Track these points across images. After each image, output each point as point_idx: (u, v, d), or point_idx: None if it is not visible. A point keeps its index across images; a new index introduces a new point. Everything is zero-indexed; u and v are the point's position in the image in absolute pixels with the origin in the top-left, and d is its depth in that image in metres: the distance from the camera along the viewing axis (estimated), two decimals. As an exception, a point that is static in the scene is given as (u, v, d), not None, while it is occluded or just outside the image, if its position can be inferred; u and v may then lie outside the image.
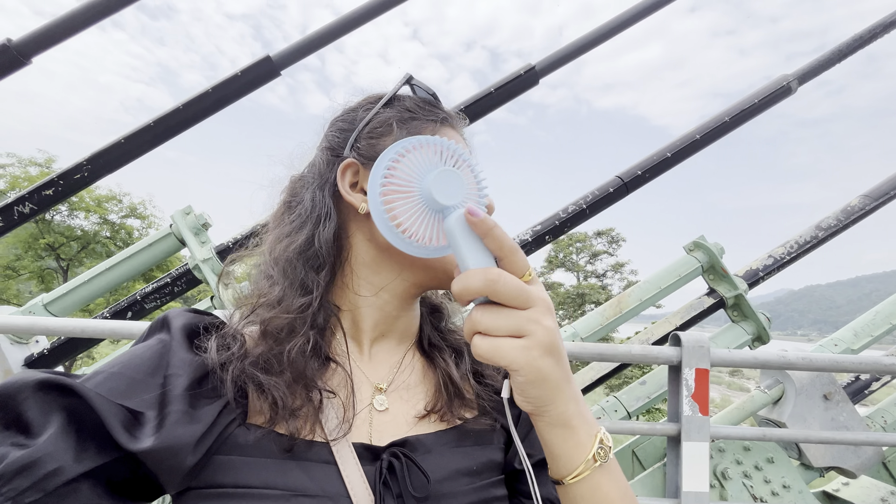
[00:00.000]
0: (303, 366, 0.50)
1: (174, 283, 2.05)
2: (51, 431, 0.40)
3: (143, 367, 0.46)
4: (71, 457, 0.40)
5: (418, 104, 0.60)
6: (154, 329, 0.52)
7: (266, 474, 0.46)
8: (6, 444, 0.39)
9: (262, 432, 0.48)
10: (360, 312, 0.58)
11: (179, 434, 0.43)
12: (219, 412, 0.47)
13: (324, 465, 0.48)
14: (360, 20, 2.32)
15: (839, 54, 2.37)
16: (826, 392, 1.89)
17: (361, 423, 0.53)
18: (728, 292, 2.11)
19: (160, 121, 2.04)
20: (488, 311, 0.41)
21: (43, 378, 0.42)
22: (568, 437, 0.45)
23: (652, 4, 2.44)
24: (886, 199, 2.19)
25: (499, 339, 0.41)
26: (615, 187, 2.20)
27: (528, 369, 0.41)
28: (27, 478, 0.37)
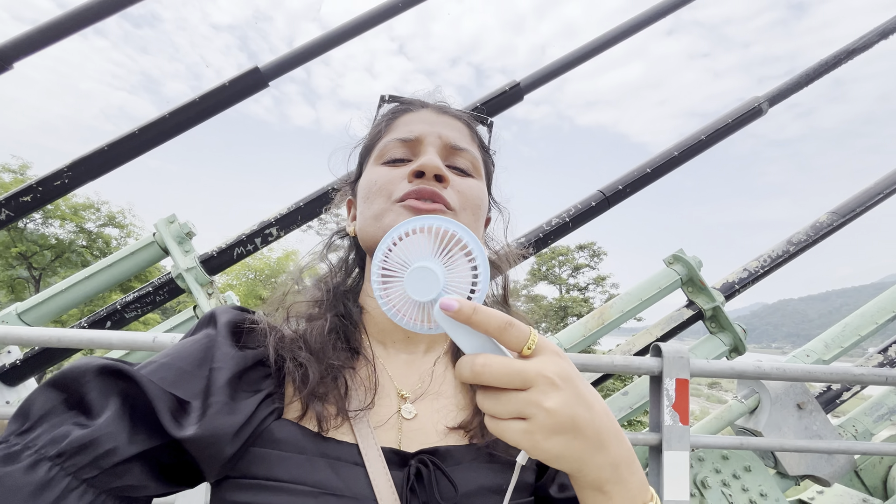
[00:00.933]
0: (324, 344, 0.54)
1: (156, 293, 2.01)
2: (108, 413, 0.43)
3: (190, 358, 0.50)
4: (125, 438, 0.42)
5: (380, 119, 0.65)
6: (202, 324, 0.57)
7: (297, 470, 0.48)
8: (69, 423, 0.42)
9: (295, 428, 0.50)
10: (375, 313, 0.61)
11: (220, 424, 0.46)
12: (257, 405, 0.49)
13: (352, 467, 0.49)
14: (348, 34, 2.36)
15: (807, 78, 2.49)
16: (800, 401, 1.95)
17: (390, 428, 0.54)
18: (706, 304, 2.16)
19: (145, 129, 2.03)
20: (489, 396, 0.40)
21: (104, 364, 0.45)
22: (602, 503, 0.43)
23: (632, 27, 2.54)
24: (852, 216, 2.29)
25: (503, 422, 0.40)
26: (597, 201, 2.25)
27: (535, 452, 0.39)
28: (86, 455, 0.40)
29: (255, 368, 0.53)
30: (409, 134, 0.60)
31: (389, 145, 0.60)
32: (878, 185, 2.35)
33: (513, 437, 0.39)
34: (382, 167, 0.60)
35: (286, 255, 17.09)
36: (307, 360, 0.53)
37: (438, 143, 0.60)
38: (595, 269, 29.02)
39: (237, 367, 0.50)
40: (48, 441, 0.40)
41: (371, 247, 0.59)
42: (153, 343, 1.42)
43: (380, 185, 0.58)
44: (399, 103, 0.67)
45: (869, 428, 2.10)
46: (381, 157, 0.61)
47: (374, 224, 0.57)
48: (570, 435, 0.39)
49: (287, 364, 0.53)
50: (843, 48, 2.54)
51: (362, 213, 0.60)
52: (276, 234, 2.07)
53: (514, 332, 0.40)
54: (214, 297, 1.98)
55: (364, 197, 0.60)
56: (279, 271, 16.79)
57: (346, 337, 0.58)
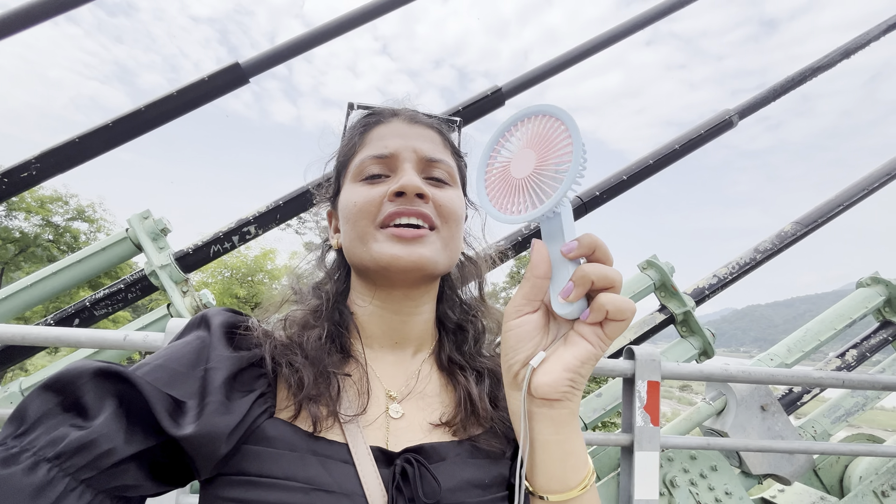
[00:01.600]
0: (320, 351, 0.56)
1: (128, 290, 1.95)
2: (105, 415, 0.43)
3: (184, 360, 0.51)
4: (122, 439, 0.43)
5: (352, 132, 0.67)
6: (192, 326, 0.57)
7: (288, 467, 0.49)
8: (66, 425, 0.42)
9: (287, 427, 0.52)
10: (364, 320, 0.63)
11: (216, 423, 0.47)
12: (251, 404, 0.51)
13: (342, 465, 0.51)
14: (331, 33, 2.34)
15: (775, 93, 2.60)
16: (763, 403, 2.03)
17: (378, 428, 0.56)
18: (678, 309, 2.23)
19: (120, 121, 1.98)
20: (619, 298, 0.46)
21: (100, 366, 0.46)
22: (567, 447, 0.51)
23: (612, 37, 2.61)
24: (815, 226, 2.40)
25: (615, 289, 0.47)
26: (575, 206, 2.30)
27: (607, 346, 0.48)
28: (84, 456, 0.41)
29: (249, 369, 0.54)
30: (383, 150, 0.61)
31: (365, 162, 0.61)
32: (838, 198, 2.46)
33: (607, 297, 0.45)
34: (361, 186, 0.61)
35: (264, 253, 16.78)
36: (302, 365, 0.54)
37: (414, 158, 0.61)
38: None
39: (232, 368, 0.52)
40: (46, 443, 0.41)
41: (358, 265, 0.61)
42: (124, 341, 1.39)
43: (360, 206, 0.59)
44: (369, 112, 0.68)
45: (827, 429, 2.20)
46: (358, 175, 0.62)
47: (360, 246, 0.59)
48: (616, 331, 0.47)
49: (282, 369, 0.55)
50: (810, 65, 2.66)
51: (346, 234, 0.61)
52: (255, 232, 2.05)
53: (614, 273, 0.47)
54: (189, 295, 1.94)
55: (346, 217, 0.61)
56: (256, 270, 16.47)
57: (340, 342, 0.60)
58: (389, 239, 0.57)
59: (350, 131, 0.67)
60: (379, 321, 0.63)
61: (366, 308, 0.63)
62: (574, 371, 0.48)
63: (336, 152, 0.69)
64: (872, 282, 2.38)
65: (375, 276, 0.60)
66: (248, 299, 15.77)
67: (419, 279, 0.59)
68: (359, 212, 0.59)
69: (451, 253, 0.61)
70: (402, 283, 0.60)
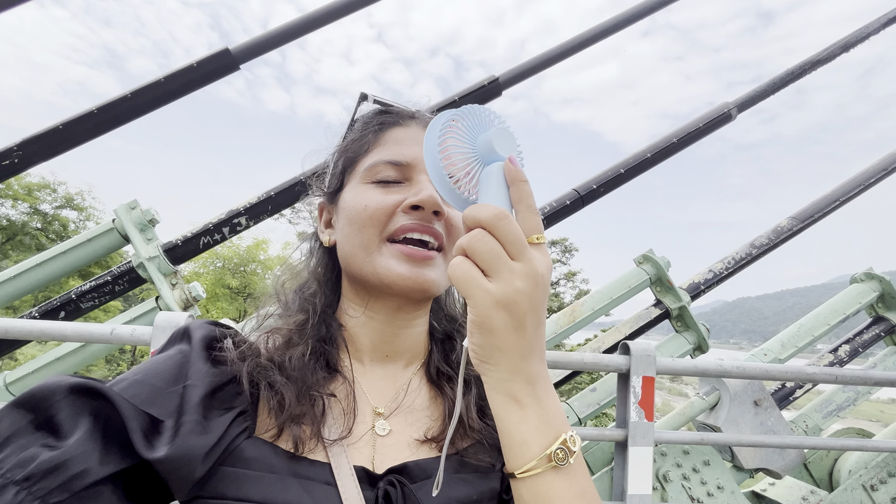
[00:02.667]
0: (303, 370, 0.53)
1: (115, 282, 1.91)
2: (79, 434, 0.41)
3: (164, 375, 0.49)
4: (96, 460, 0.41)
5: (363, 124, 0.64)
6: (174, 339, 0.55)
7: (267, 489, 0.47)
8: (37, 445, 0.40)
9: (266, 447, 0.50)
10: (355, 331, 0.61)
11: (192, 444, 0.45)
12: (229, 423, 0.49)
13: (324, 486, 0.49)
14: (324, 19, 2.29)
15: (773, 86, 2.58)
16: (756, 398, 2.03)
17: (364, 446, 0.54)
18: (673, 304, 2.23)
19: (106, 108, 1.91)
20: (485, 236, 0.41)
21: (76, 382, 0.43)
22: (517, 416, 0.44)
23: (609, 27, 2.57)
24: (811, 222, 2.40)
25: (474, 269, 0.41)
26: (572, 200, 2.28)
27: (479, 310, 0.41)
28: (55, 478, 0.39)
29: (229, 385, 0.52)
30: (401, 157, 0.59)
31: (379, 166, 0.59)
32: (834, 193, 2.46)
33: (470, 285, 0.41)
34: (372, 189, 0.58)
35: (256, 243, 16.67)
36: (283, 386, 0.52)
37: None
38: (566, 264, 29.56)
39: (211, 385, 0.50)
40: (15, 464, 0.39)
41: (356, 274, 0.58)
42: (111, 335, 1.35)
43: (370, 211, 0.56)
44: (384, 110, 0.64)
45: (818, 423, 2.22)
46: (369, 177, 0.59)
47: (362, 255, 0.56)
48: (513, 319, 0.41)
49: (262, 391, 0.52)
50: (809, 58, 2.64)
51: (347, 236, 0.59)
52: (246, 223, 2.00)
53: (537, 218, 0.45)
54: (178, 287, 1.90)
55: (350, 219, 0.58)
56: (249, 260, 16.37)
57: (326, 358, 0.58)
58: (397, 256, 0.55)
59: (363, 127, 0.64)
60: (370, 333, 0.60)
61: (357, 319, 0.60)
62: (469, 341, 0.44)
63: (341, 145, 0.65)
64: (866, 277, 2.39)
65: (373, 289, 0.57)
66: (240, 290, 15.69)
67: (421, 300, 0.57)
68: (368, 218, 0.56)
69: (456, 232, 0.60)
70: (400, 300, 0.57)
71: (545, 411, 0.44)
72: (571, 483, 0.44)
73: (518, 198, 0.44)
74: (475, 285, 0.41)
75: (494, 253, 0.41)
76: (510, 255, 0.41)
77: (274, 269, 6.95)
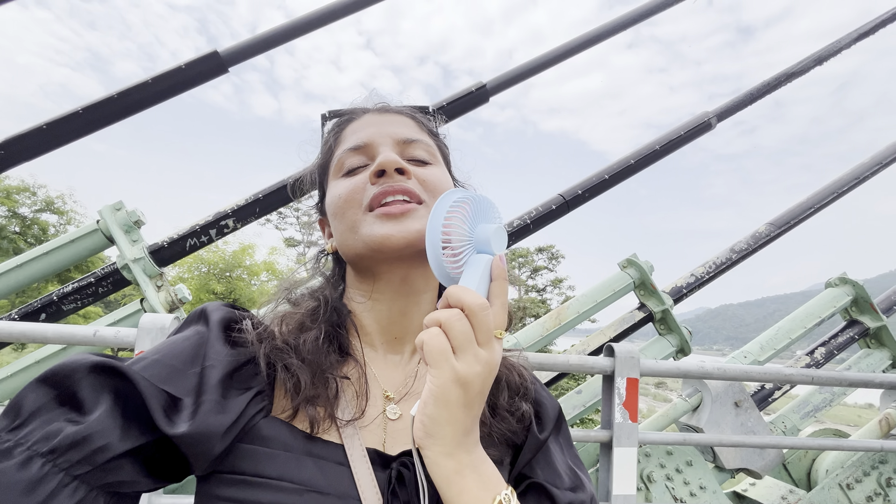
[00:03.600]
0: (317, 353, 0.55)
1: (98, 284, 1.88)
2: (101, 410, 0.43)
3: (182, 356, 0.50)
4: (117, 435, 0.43)
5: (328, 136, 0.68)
6: (191, 320, 0.57)
7: (282, 467, 0.49)
8: (61, 420, 0.42)
9: (283, 427, 0.51)
10: (363, 316, 0.63)
11: (211, 422, 0.47)
12: (247, 403, 0.51)
13: (337, 466, 0.50)
14: (313, 24, 2.30)
15: (751, 97, 2.66)
16: (737, 400, 2.08)
17: (376, 429, 0.56)
18: (656, 307, 2.27)
19: (91, 108, 1.89)
20: (463, 319, 0.46)
21: (97, 360, 0.45)
22: (458, 487, 0.46)
23: (594, 37, 2.63)
24: (787, 228, 2.47)
25: (447, 344, 0.45)
26: (557, 204, 2.31)
27: (441, 382, 0.45)
28: (79, 451, 0.41)
29: (247, 367, 0.54)
30: (358, 141, 0.61)
31: (343, 157, 0.62)
32: (809, 200, 2.54)
33: (439, 358, 0.45)
34: (343, 179, 0.61)
35: (242, 248, 16.45)
36: (299, 368, 0.54)
37: (390, 141, 0.61)
38: (553, 271, 29.76)
39: (229, 366, 0.52)
40: (40, 437, 0.40)
41: (353, 258, 0.61)
42: (93, 337, 1.33)
43: (345, 196, 0.59)
44: (339, 117, 0.68)
45: (796, 424, 2.27)
46: (338, 171, 0.62)
47: (351, 236, 0.59)
48: (466, 397, 0.46)
49: (278, 372, 0.54)
50: (785, 70, 2.73)
51: (337, 229, 0.61)
52: (233, 226, 1.99)
53: (505, 314, 0.50)
54: (164, 289, 1.87)
55: (334, 213, 0.61)
56: (235, 265, 16.13)
57: (338, 342, 0.60)
58: (379, 219, 0.56)
59: (326, 136, 0.68)
60: (378, 316, 0.62)
61: (364, 304, 0.63)
62: (421, 412, 0.47)
63: (315, 162, 0.69)
64: (840, 282, 2.47)
65: (371, 261, 0.59)
66: (225, 295, 15.44)
67: (415, 256, 0.58)
68: (345, 202, 0.59)
69: None
70: (398, 264, 0.59)
71: (482, 477, 0.48)
72: None
73: (496, 293, 0.50)
74: (444, 358, 0.45)
75: (467, 336, 0.45)
76: (479, 342, 0.46)
77: (260, 274, 6.86)
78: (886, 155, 2.67)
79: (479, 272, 0.51)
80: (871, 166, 2.62)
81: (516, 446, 0.60)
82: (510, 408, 0.61)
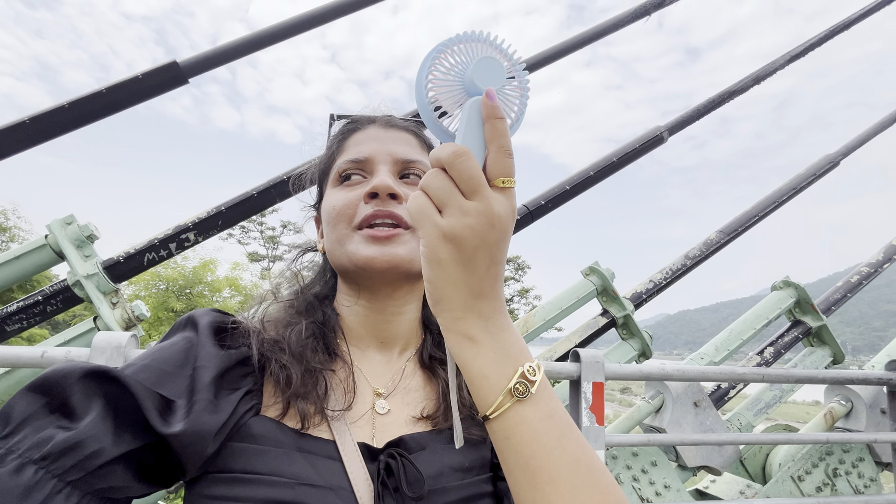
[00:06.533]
0: (303, 348, 0.56)
1: (47, 302, 1.77)
2: (92, 415, 0.43)
3: (171, 360, 0.51)
4: (110, 440, 0.43)
5: (332, 141, 0.70)
6: (178, 328, 0.57)
7: (274, 463, 0.49)
8: (52, 427, 0.42)
9: (273, 424, 0.52)
10: (350, 320, 0.65)
11: (205, 421, 0.47)
12: (238, 402, 0.52)
13: (329, 461, 0.51)
14: (277, 37, 2.29)
15: (698, 112, 2.84)
16: (696, 400, 2.17)
17: (365, 424, 0.57)
18: (618, 312, 2.35)
19: (38, 119, 1.81)
20: (439, 174, 0.41)
21: (87, 367, 0.45)
22: (472, 352, 0.43)
23: (553, 54, 2.74)
24: (736, 234, 2.63)
25: (428, 203, 0.41)
26: (521, 215, 2.38)
27: (426, 241, 0.41)
28: (71, 457, 0.41)
29: (237, 367, 0.55)
30: (359, 154, 0.63)
31: (343, 166, 0.64)
32: (754, 209, 2.72)
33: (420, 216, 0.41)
34: (339, 190, 0.63)
35: (203, 264, 15.80)
36: (289, 363, 0.55)
37: (389, 160, 0.63)
38: (520, 281, 30.18)
39: (221, 366, 0.52)
40: (32, 444, 0.41)
41: (339, 267, 0.63)
42: (41, 359, 1.26)
43: (338, 210, 0.61)
44: (348, 121, 0.71)
45: (751, 421, 2.39)
46: (337, 179, 0.64)
47: (338, 248, 0.61)
48: (461, 253, 0.41)
49: (271, 366, 0.55)
50: (727, 88, 2.93)
51: (328, 237, 0.64)
52: (194, 239, 1.93)
53: (507, 160, 0.42)
54: (120, 306, 1.79)
55: (326, 221, 0.63)
56: (195, 282, 15.46)
57: (325, 341, 0.61)
58: (365, 240, 0.59)
59: (331, 141, 0.70)
60: (364, 321, 0.64)
61: (351, 308, 0.64)
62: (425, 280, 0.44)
63: (317, 161, 0.72)
64: (784, 285, 2.64)
65: (356, 276, 0.61)
66: (185, 313, 14.77)
67: (398, 278, 0.60)
68: (337, 215, 0.61)
69: None
70: (382, 283, 0.61)
71: (500, 344, 0.43)
72: (538, 408, 0.43)
73: (490, 137, 0.42)
74: (424, 216, 0.41)
75: (445, 189, 0.41)
76: (464, 193, 0.41)
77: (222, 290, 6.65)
78: (819, 167, 2.90)
79: (465, 119, 0.44)
80: (806, 177, 2.83)
81: None
82: None
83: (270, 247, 22.96)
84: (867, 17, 3.40)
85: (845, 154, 2.96)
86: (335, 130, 0.72)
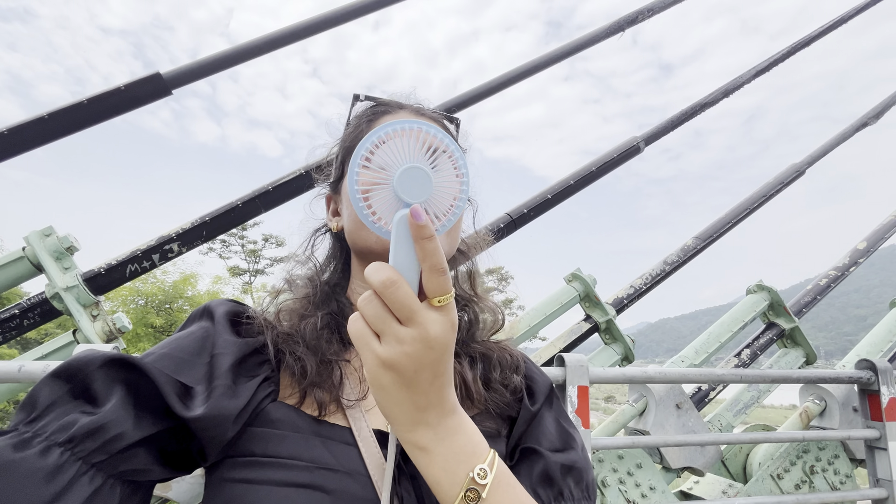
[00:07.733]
0: (318, 340, 0.57)
1: (24, 315, 1.72)
2: (114, 401, 0.45)
3: (189, 348, 0.52)
4: (131, 424, 0.45)
5: (357, 118, 0.70)
6: (194, 318, 0.59)
7: (293, 447, 0.51)
8: (76, 411, 0.44)
9: (291, 410, 0.54)
10: None
11: (224, 406, 0.49)
12: (256, 388, 0.53)
13: (346, 446, 0.52)
14: (259, 50, 2.31)
15: (672, 124, 2.95)
16: (678, 402, 2.22)
17: (379, 412, 0.56)
18: (601, 317, 2.40)
19: (14, 131, 1.78)
20: (373, 300, 0.42)
21: (108, 355, 0.47)
22: (425, 461, 0.45)
23: (532, 68, 2.82)
24: (711, 241, 2.72)
25: (366, 329, 0.42)
26: (505, 223, 2.42)
27: (367, 368, 0.43)
28: (95, 440, 0.42)
29: (254, 355, 0.56)
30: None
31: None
32: (727, 216, 2.83)
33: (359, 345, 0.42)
34: None
35: (184, 278, 15.44)
36: (304, 354, 0.56)
37: None
38: (503, 292, 30.30)
39: (238, 354, 0.54)
40: (57, 428, 0.42)
41: (362, 247, 0.63)
42: (18, 373, 1.22)
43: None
44: (376, 104, 0.71)
45: (730, 421, 2.45)
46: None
47: (364, 228, 0.61)
48: (398, 380, 0.42)
49: (286, 357, 0.56)
50: (698, 101, 3.06)
51: (350, 216, 0.63)
52: (178, 250, 1.91)
53: (440, 279, 0.41)
54: (101, 319, 1.75)
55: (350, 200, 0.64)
56: (176, 296, 15.08)
57: (339, 332, 0.62)
58: None
59: (357, 120, 0.70)
60: None
61: None
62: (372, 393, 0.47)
63: (340, 139, 0.72)
64: (758, 288, 2.73)
65: (379, 257, 0.61)
66: (165, 328, 14.37)
67: None
68: None
69: (451, 241, 0.65)
70: None
71: (451, 450, 0.45)
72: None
73: (422, 257, 0.41)
74: (363, 343, 0.42)
75: (380, 317, 0.41)
76: (399, 320, 0.41)
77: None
78: (786, 175, 3.03)
79: (395, 237, 0.42)
80: (774, 185, 2.95)
81: (512, 419, 0.63)
82: (503, 381, 0.64)
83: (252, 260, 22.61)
84: (826, 34, 3.60)
85: (810, 163, 3.10)
86: (357, 111, 0.71)
